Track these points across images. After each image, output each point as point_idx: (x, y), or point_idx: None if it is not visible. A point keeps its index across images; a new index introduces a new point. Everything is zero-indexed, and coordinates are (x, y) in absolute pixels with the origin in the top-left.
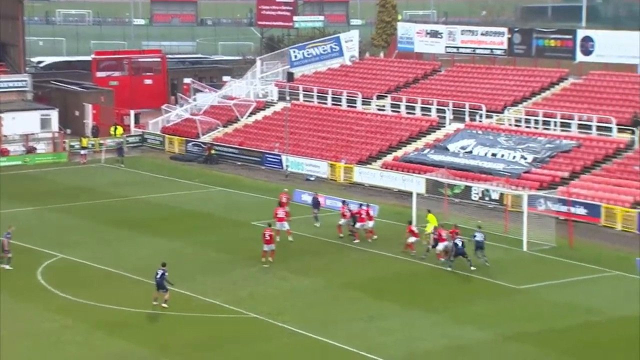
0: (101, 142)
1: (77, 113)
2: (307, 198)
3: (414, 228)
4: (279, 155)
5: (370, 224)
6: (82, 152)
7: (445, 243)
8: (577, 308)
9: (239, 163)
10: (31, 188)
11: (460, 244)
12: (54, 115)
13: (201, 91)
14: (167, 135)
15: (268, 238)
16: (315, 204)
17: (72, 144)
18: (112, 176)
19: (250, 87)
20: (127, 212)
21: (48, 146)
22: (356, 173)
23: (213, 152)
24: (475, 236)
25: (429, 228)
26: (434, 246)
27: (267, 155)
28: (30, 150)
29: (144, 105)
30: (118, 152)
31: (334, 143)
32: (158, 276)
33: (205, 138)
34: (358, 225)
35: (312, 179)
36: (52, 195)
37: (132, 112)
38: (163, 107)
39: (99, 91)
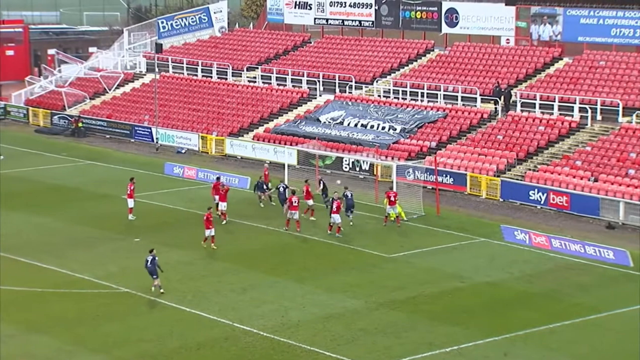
0: None
1: None
2: (180, 171)
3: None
4: (149, 128)
5: (310, 202)
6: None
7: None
8: (444, 275)
9: (108, 136)
10: None
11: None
12: None
13: (66, 63)
14: (31, 108)
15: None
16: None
17: None
18: None
19: (118, 58)
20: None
21: None
22: (228, 145)
23: (80, 125)
24: (346, 195)
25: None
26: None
27: (137, 128)
28: None
29: (6, 77)
30: None
31: (205, 115)
32: (149, 263)
33: (72, 111)
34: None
35: (183, 151)
36: None
37: None
38: (26, 79)
39: None
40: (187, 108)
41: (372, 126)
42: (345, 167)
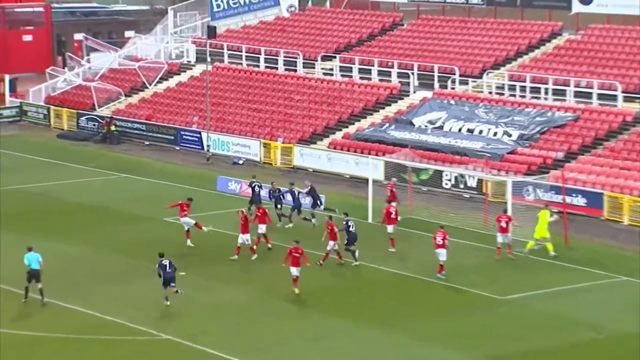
0: None
1: None
2: (235, 187)
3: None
4: (199, 133)
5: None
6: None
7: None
8: (574, 323)
9: (147, 143)
10: None
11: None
12: None
13: (97, 50)
14: (52, 107)
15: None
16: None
17: None
18: None
19: (161, 45)
20: (2, 207)
21: None
22: (296, 155)
23: (113, 128)
24: (347, 224)
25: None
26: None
27: (183, 133)
28: None
29: (22, 69)
30: None
31: (269, 117)
32: (167, 268)
33: (103, 110)
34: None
35: (240, 162)
36: None
37: (6, 78)
38: (47, 70)
39: None
40: (246, 108)
41: (480, 131)
42: (446, 184)
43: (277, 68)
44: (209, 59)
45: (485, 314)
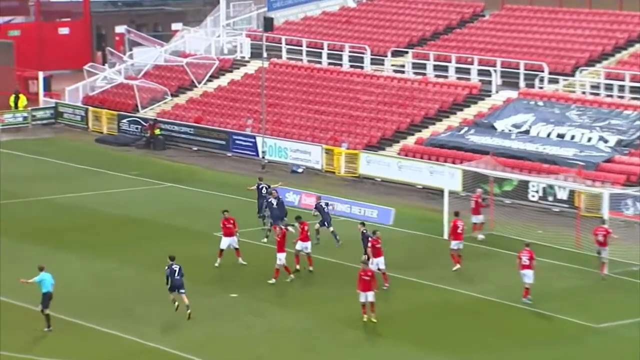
0: None
1: None
2: (294, 198)
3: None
4: (253, 137)
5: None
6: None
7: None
8: None
9: (196, 148)
10: None
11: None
12: None
13: (141, 45)
14: (91, 108)
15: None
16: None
17: None
18: (11, 167)
19: (212, 39)
20: (34, 219)
21: None
22: (363, 162)
23: (158, 132)
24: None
25: None
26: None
27: (236, 137)
28: None
29: (58, 65)
30: None
31: (332, 120)
32: (176, 274)
33: (147, 112)
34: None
35: (300, 170)
36: None
37: (40, 75)
38: (85, 67)
39: None
40: (307, 109)
41: (573, 137)
42: (533, 196)
43: (341, 64)
44: (265, 54)
45: (576, 344)
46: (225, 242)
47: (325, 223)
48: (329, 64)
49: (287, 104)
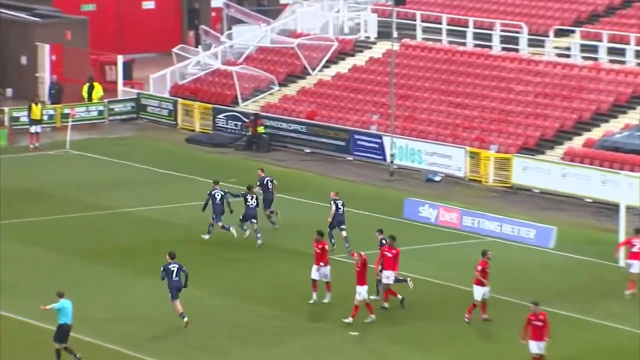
0: (66, 111)
1: (23, 60)
2: (430, 213)
3: None
4: (379, 137)
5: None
6: (33, 129)
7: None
8: None
9: (308, 150)
10: None
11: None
12: None
13: (242, 22)
14: (180, 101)
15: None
16: None
17: (15, 114)
18: (83, 171)
19: (329, 15)
20: (110, 235)
21: None
22: (516, 168)
23: (261, 130)
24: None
25: None
26: None
27: (358, 137)
28: None
29: (141, 47)
30: None
31: (478, 116)
32: (174, 275)
33: (249, 105)
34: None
35: (437, 179)
36: None
37: (119, 59)
38: (174, 50)
39: (62, 22)
40: (446, 102)
41: None
42: None
43: (490, 47)
44: (395, 33)
45: None
46: (313, 271)
47: (337, 224)
48: (475, 45)
49: (422, 95)
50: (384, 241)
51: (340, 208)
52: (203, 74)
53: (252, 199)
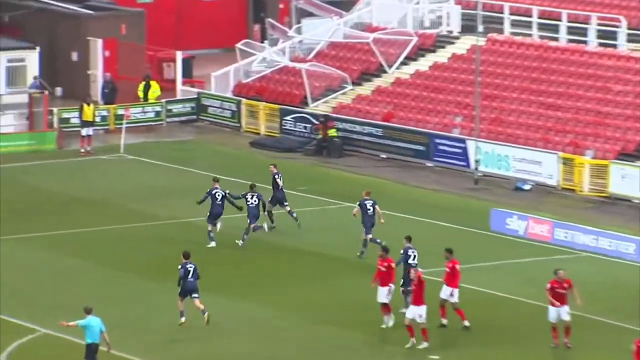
0: (120, 112)
1: (74, 56)
2: (518, 225)
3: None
4: (462, 141)
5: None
6: (85, 132)
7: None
8: None
9: (384, 155)
10: None
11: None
12: (31, 60)
13: (312, 15)
14: (245, 101)
15: None
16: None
17: (65, 115)
18: (139, 178)
19: (408, 6)
20: (168, 248)
21: (19, 120)
22: (614, 176)
23: (333, 133)
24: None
25: None
26: None
27: (439, 141)
28: None
29: (202, 43)
30: None
31: (572, 118)
32: (190, 275)
33: (319, 106)
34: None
35: (526, 187)
36: (28, 214)
37: (178, 55)
38: (238, 46)
39: (117, 15)
40: (537, 103)
41: None
42: None
43: (585, 42)
44: (480, 27)
45: None
46: (382, 294)
47: (365, 228)
48: (569, 41)
49: (510, 95)
50: (410, 251)
51: (369, 209)
52: (269, 72)
53: (252, 198)
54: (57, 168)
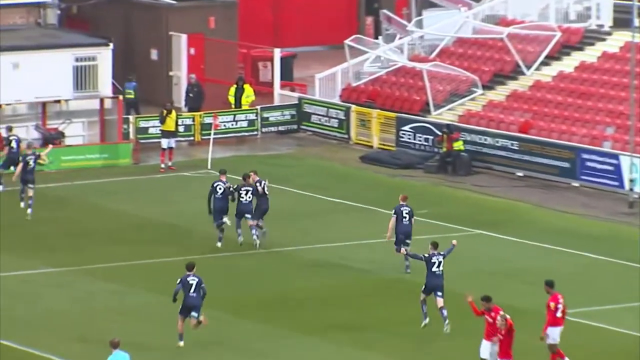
0: (208, 120)
1: (154, 54)
2: None
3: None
4: (615, 157)
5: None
6: (166, 144)
7: None
8: None
9: (520, 173)
10: (56, 224)
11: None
12: (103, 58)
13: (435, 5)
14: (355, 108)
15: None
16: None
17: (142, 124)
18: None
19: None
20: (263, 282)
21: (90, 130)
22: None
23: (460, 146)
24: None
25: None
26: None
27: (588, 157)
28: (52, 140)
29: (304, 39)
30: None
31: None
32: (192, 291)
33: (443, 114)
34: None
35: None
36: (97, 240)
37: (277, 53)
38: (348, 42)
39: (205, 5)
40: None
41: None
42: None
43: None
44: (637, 21)
45: None
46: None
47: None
48: None
49: None
50: (435, 258)
51: (404, 217)
52: (384, 73)
53: (247, 194)
54: (132, 186)
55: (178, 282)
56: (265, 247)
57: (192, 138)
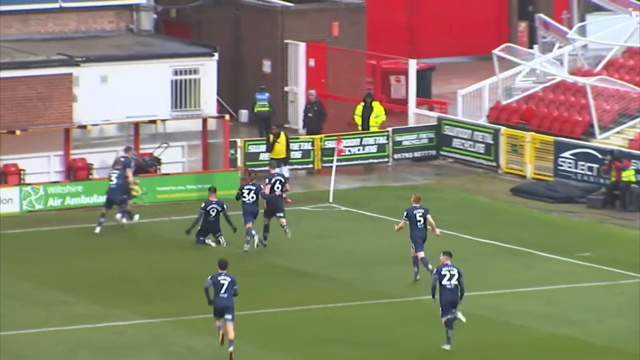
0: (329, 145)
1: (266, 67)
2: None
3: None
4: None
5: None
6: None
7: None
8: None
9: None
10: (148, 268)
11: None
12: (207, 71)
13: (601, 9)
14: (505, 130)
15: None
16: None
17: (252, 149)
18: (355, 238)
19: None
20: (394, 338)
21: (191, 156)
22: None
23: (631, 175)
24: None
25: None
26: None
27: None
28: (146, 167)
29: (444, 48)
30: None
31: None
32: (223, 291)
33: (611, 137)
34: None
35: None
36: (202, 286)
37: (412, 65)
38: (496, 52)
39: (326, 8)
40: None
41: None
42: None
43: None
44: None
45: None
46: None
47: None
48: None
49: None
50: (445, 270)
51: (419, 220)
52: (540, 89)
53: (249, 193)
54: (236, 223)
55: (209, 279)
56: (399, 296)
57: (311, 166)
